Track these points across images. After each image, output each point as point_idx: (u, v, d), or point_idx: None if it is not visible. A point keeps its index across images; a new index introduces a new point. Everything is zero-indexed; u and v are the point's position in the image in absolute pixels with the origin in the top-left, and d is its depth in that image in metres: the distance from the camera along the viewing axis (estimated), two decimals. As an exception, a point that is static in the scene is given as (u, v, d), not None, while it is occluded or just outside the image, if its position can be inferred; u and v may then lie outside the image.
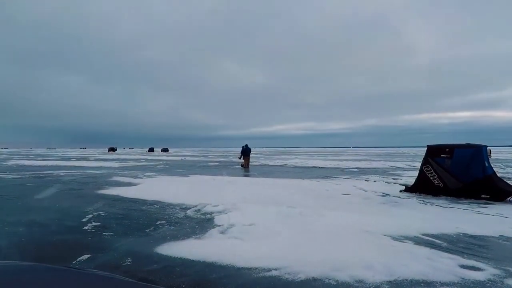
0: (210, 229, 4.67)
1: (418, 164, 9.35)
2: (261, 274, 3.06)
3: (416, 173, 9.18)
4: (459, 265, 3.28)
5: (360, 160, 27.98)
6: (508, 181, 8.50)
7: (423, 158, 8.54)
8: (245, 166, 18.70)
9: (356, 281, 2.89)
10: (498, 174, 8.31)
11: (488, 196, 7.38)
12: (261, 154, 52.46)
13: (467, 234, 4.55)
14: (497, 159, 27.37)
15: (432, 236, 4.39)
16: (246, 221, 4.89)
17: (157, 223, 5.08)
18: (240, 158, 19.36)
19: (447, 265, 3.25)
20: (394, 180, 11.61)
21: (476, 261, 3.43)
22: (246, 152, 19.15)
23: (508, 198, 7.35)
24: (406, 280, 2.92)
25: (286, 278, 2.97)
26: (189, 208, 6.19)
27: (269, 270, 3.14)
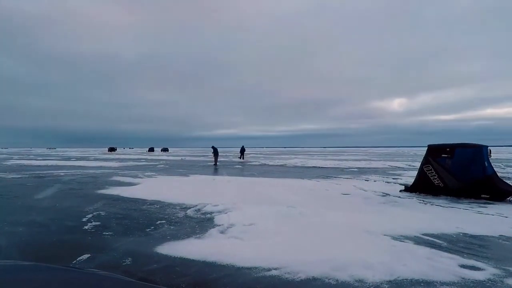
0: (210, 229, 4.67)
1: (418, 164, 9.34)
2: (261, 274, 3.06)
3: (416, 173, 9.17)
4: (459, 265, 3.28)
5: (360, 160, 27.98)
6: (508, 181, 8.50)
7: (424, 158, 8.54)
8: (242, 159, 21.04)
9: (356, 281, 2.89)
10: (498, 174, 8.30)
11: (488, 196, 7.38)
12: (261, 154, 52.45)
13: (467, 234, 4.55)
14: (497, 159, 27.38)
15: (432, 236, 4.39)
16: (246, 221, 4.89)
17: (157, 223, 5.08)
18: (240, 158, 19.48)
19: (447, 265, 3.26)
20: (394, 180, 11.61)
21: (476, 261, 3.43)
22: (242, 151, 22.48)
23: (508, 198, 7.35)
24: (406, 280, 2.92)
25: (286, 278, 2.97)
26: (189, 208, 6.19)
27: (269, 270, 3.14)
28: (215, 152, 22.69)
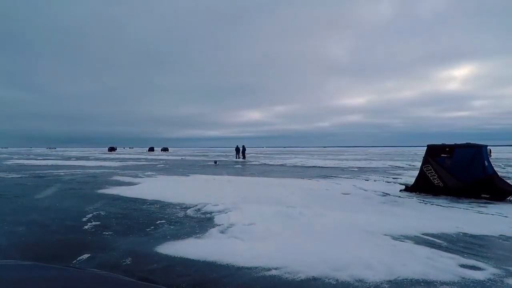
0: (210, 228, 4.67)
1: (418, 164, 9.37)
2: (261, 274, 3.06)
3: (416, 173, 9.18)
4: (459, 265, 3.28)
5: (360, 160, 27.98)
6: (508, 181, 8.50)
7: (423, 158, 8.55)
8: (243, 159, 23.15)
9: (356, 281, 2.89)
10: (498, 174, 8.30)
11: (488, 196, 7.38)
12: (261, 153, 52.45)
13: (467, 233, 4.55)
14: (497, 158, 27.37)
15: (432, 235, 4.39)
16: (246, 221, 4.90)
17: (157, 222, 5.08)
18: (240, 158, 19.54)
19: (447, 265, 3.26)
20: (394, 180, 11.62)
21: (476, 260, 3.44)
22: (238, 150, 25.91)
23: (508, 198, 7.35)
24: (406, 279, 2.92)
25: (286, 278, 2.97)
26: (189, 208, 6.19)
27: (269, 269, 3.14)
28: (238, 150, 27.28)
